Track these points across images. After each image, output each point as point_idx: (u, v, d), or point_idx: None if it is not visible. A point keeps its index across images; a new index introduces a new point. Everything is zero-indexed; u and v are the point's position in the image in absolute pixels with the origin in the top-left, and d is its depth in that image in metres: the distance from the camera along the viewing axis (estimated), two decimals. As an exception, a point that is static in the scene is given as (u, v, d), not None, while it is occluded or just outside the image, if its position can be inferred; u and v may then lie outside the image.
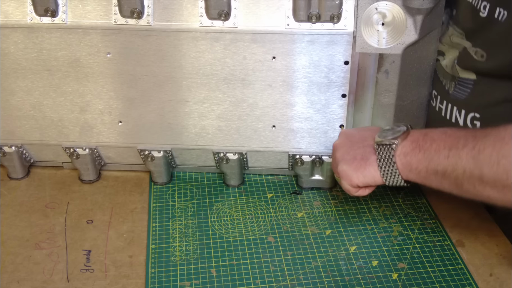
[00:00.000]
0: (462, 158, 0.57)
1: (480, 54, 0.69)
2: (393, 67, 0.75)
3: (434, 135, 0.61)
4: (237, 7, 0.73)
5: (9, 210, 0.81)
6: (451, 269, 0.71)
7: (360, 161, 0.66)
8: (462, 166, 0.57)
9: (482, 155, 0.55)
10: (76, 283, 0.69)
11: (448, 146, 0.59)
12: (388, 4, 0.71)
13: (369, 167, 0.66)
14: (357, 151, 0.67)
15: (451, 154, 0.58)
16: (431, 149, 0.60)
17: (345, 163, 0.67)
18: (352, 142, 0.69)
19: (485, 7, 0.67)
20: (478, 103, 0.72)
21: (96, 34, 0.75)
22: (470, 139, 0.57)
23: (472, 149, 0.56)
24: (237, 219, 0.80)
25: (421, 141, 0.62)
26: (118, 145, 0.84)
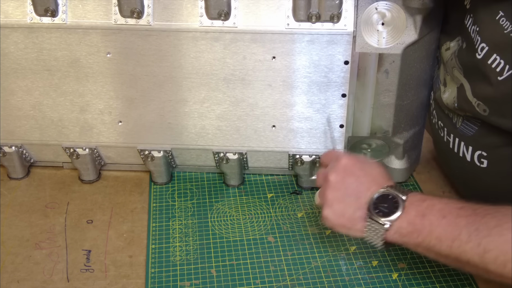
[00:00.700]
0: (467, 252, 0.56)
1: (482, 109, 0.66)
2: (393, 67, 0.75)
3: (432, 218, 0.59)
4: (237, 7, 0.73)
5: (9, 210, 0.81)
6: (451, 269, 0.71)
7: (347, 222, 0.64)
8: (467, 258, 0.56)
9: (488, 255, 0.55)
10: (76, 283, 0.69)
11: (451, 238, 0.57)
12: (388, 4, 0.71)
13: (353, 230, 0.64)
14: (348, 209, 0.64)
15: (454, 246, 0.57)
16: (431, 236, 0.59)
17: (331, 212, 0.65)
18: (345, 192, 0.65)
19: (482, 49, 0.64)
20: (485, 142, 0.70)
21: (96, 34, 0.75)
22: (473, 234, 0.56)
23: (477, 246, 0.55)
24: (237, 219, 0.80)
25: (419, 225, 0.59)
26: (118, 145, 0.84)
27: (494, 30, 0.62)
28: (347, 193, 0.65)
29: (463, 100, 0.69)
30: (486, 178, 0.71)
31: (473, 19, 0.66)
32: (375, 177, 0.65)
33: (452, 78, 0.72)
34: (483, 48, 0.64)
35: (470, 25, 0.67)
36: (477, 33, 0.65)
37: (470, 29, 0.67)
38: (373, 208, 0.62)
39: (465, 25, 0.68)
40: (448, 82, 0.74)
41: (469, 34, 0.67)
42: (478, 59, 0.65)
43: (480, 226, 0.56)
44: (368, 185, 0.64)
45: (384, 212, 0.61)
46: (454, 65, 0.71)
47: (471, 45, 0.66)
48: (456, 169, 0.76)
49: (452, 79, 0.72)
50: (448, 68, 0.73)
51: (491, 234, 0.55)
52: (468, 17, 0.68)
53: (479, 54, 0.64)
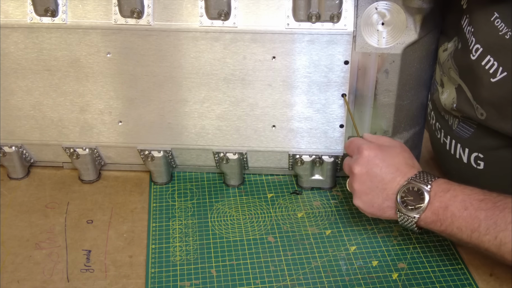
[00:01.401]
0: (484, 243, 0.60)
1: (480, 112, 0.67)
2: (393, 66, 0.75)
3: (454, 209, 0.62)
4: (237, 7, 0.73)
5: (9, 210, 0.81)
6: (451, 269, 0.71)
7: (377, 211, 0.68)
8: (485, 248, 0.61)
9: (504, 247, 0.59)
10: (76, 283, 0.69)
11: (470, 229, 0.61)
12: (388, 4, 0.71)
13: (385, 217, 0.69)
14: (376, 200, 0.68)
15: (474, 236, 0.61)
16: (452, 226, 0.62)
17: (361, 202, 0.69)
18: (371, 184, 0.67)
19: (477, 50, 0.65)
20: (481, 144, 0.71)
21: (96, 34, 0.75)
22: (492, 227, 0.59)
23: (494, 239, 0.59)
24: (237, 219, 0.80)
25: (441, 215, 0.63)
26: (118, 145, 0.84)
27: (489, 31, 0.62)
28: (372, 185, 0.67)
29: (464, 102, 0.69)
30: (483, 179, 0.71)
31: (469, 20, 0.66)
32: (399, 167, 0.67)
33: (449, 79, 0.72)
34: (478, 49, 0.64)
35: (466, 26, 0.67)
36: (472, 33, 0.65)
37: (465, 29, 0.67)
38: (401, 203, 0.65)
39: (461, 26, 0.68)
40: (445, 83, 0.74)
41: (464, 34, 0.67)
42: (472, 60, 0.65)
43: (498, 220, 0.59)
44: (392, 176, 0.67)
45: (411, 206, 0.65)
46: (450, 66, 0.71)
47: (466, 46, 0.66)
48: (453, 170, 0.76)
49: (449, 80, 0.72)
50: (444, 69, 0.73)
51: (507, 228, 0.58)
52: (465, 18, 0.68)
53: (473, 55, 0.65)
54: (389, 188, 0.67)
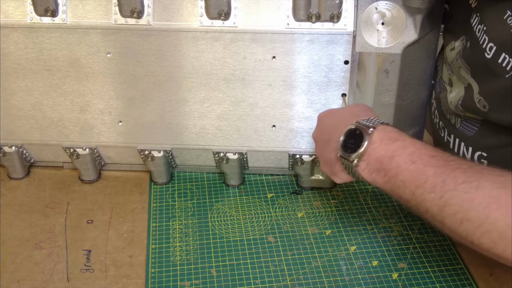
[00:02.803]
0: (427, 201, 0.55)
1: (482, 104, 0.66)
2: (393, 66, 0.75)
3: (401, 160, 0.58)
4: (237, 6, 0.73)
5: (9, 210, 0.81)
6: (451, 269, 0.71)
7: (330, 167, 0.67)
8: (426, 207, 0.56)
9: (447, 209, 0.53)
10: (76, 283, 0.69)
11: (415, 184, 0.56)
12: (388, 3, 0.71)
13: (338, 173, 0.66)
14: (326, 155, 0.67)
15: (417, 193, 0.56)
16: (396, 178, 0.58)
17: (321, 164, 0.70)
18: (322, 141, 0.68)
19: (491, 48, 0.63)
20: (485, 143, 0.70)
21: (96, 34, 0.75)
22: (439, 185, 0.54)
23: (438, 199, 0.54)
24: (237, 219, 0.80)
25: (386, 164, 0.59)
26: (118, 145, 0.84)
27: (502, 29, 0.61)
28: (323, 142, 0.67)
29: (468, 98, 0.69)
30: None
31: (480, 18, 0.66)
32: (344, 117, 0.65)
33: (458, 78, 0.72)
34: (492, 47, 0.63)
35: (476, 24, 0.66)
36: (484, 32, 0.64)
37: (476, 28, 0.66)
38: (342, 147, 0.62)
39: (471, 24, 0.68)
40: (455, 82, 0.73)
41: (474, 33, 0.66)
42: (488, 59, 0.63)
43: (448, 179, 0.54)
44: (337, 127, 0.65)
45: (352, 149, 0.61)
46: (460, 65, 0.70)
47: (477, 44, 0.65)
48: None
49: (459, 79, 0.72)
50: (454, 68, 0.73)
51: (457, 189, 0.53)
52: (474, 16, 0.67)
53: (488, 54, 0.63)
54: (334, 138, 0.64)
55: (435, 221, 0.56)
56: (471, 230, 0.52)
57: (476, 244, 0.53)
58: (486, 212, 0.51)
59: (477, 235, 0.52)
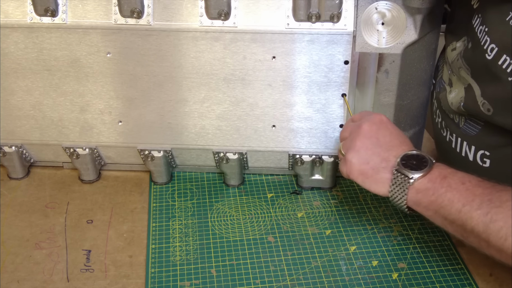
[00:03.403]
0: (473, 219, 0.57)
1: (486, 108, 0.66)
2: (393, 66, 0.75)
3: (452, 182, 0.60)
4: (237, 6, 0.73)
5: (9, 210, 0.81)
6: (451, 269, 0.71)
7: (369, 170, 0.66)
8: (472, 225, 0.58)
9: (493, 225, 0.56)
10: (76, 283, 0.69)
11: (463, 202, 0.59)
12: (388, 3, 0.71)
13: (373, 181, 0.66)
14: (374, 158, 0.65)
15: (464, 211, 0.58)
16: (444, 197, 0.60)
17: (356, 157, 0.66)
18: (377, 142, 0.66)
19: (492, 49, 0.63)
20: (488, 142, 0.70)
21: (96, 34, 0.75)
22: (486, 203, 0.57)
23: (485, 215, 0.56)
24: (237, 219, 0.80)
25: (438, 184, 0.61)
26: (118, 145, 0.84)
27: (504, 31, 0.62)
28: (378, 143, 0.66)
29: (471, 101, 0.69)
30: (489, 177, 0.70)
31: (481, 19, 0.66)
32: (407, 140, 0.68)
33: (458, 78, 0.72)
34: (493, 49, 0.63)
35: (478, 25, 0.66)
36: (485, 33, 0.64)
37: (477, 29, 0.66)
38: (402, 163, 0.63)
39: (472, 25, 0.68)
40: (455, 83, 0.73)
41: (475, 34, 0.66)
42: (488, 60, 0.64)
43: (494, 197, 0.57)
44: (400, 142, 0.66)
45: (412, 167, 0.63)
46: (460, 66, 0.71)
47: (478, 46, 0.66)
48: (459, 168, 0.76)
49: (459, 79, 0.72)
50: (454, 69, 0.73)
51: (502, 206, 0.56)
52: (476, 17, 0.67)
53: (488, 55, 0.64)
54: (393, 151, 0.65)
55: (481, 240, 0.57)
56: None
57: None
58: None
59: None
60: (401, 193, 0.63)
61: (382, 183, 0.65)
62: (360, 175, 0.66)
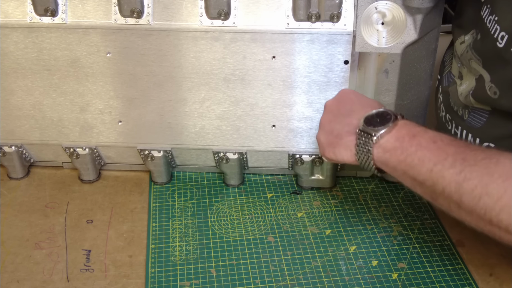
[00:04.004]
0: (445, 178, 0.54)
1: (493, 91, 0.65)
2: (393, 66, 0.75)
3: (422, 140, 0.57)
4: (237, 6, 0.73)
5: (9, 210, 0.81)
6: (451, 269, 0.71)
7: (334, 139, 0.65)
8: (443, 185, 0.54)
9: (466, 184, 0.52)
10: (76, 283, 0.69)
11: (434, 161, 0.55)
12: (387, 3, 0.71)
13: (339, 147, 0.64)
14: (336, 126, 0.65)
15: (435, 170, 0.55)
16: (414, 156, 0.57)
17: (322, 133, 0.67)
18: (338, 112, 0.66)
19: (502, 37, 0.63)
20: (493, 133, 0.69)
21: (96, 33, 0.75)
22: (459, 161, 0.54)
23: (457, 174, 0.53)
24: (237, 219, 0.80)
25: (407, 143, 0.58)
26: (118, 145, 0.84)
27: None
28: (339, 112, 0.66)
29: (480, 88, 0.68)
30: None
31: (491, 9, 0.66)
32: (372, 103, 0.66)
33: (469, 70, 0.71)
34: (503, 36, 0.63)
35: (487, 15, 0.66)
36: (495, 22, 0.64)
37: (486, 19, 0.66)
38: (365, 122, 0.61)
39: (481, 17, 0.68)
40: (465, 75, 0.73)
41: (485, 24, 0.66)
42: (500, 48, 0.63)
43: (468, 156, 0.54)
44: (362, 106, 0.65)
45: (375, 125, 0.60)
46: (471, 57, 0.70)
47: (489, 35, 0.65)
48: None
49: (470, 71, 0.71)
50: (464, 61, 0.72)
51: (477, 164, 0.53)
52: (485, 8, 0.67)
53: (499, 43, 0.63)
54: (355, 114, 0.63)
55: (452, 202, 0.54)
56: (490, 205, 0.51)
57: (495, 222, 0.51)
58: (505, 185, 0.50)
59: (496, 211, 0.50)
60: (367, 153, 0.61)
61: (348, 147, 0.63)
62: (328, 147, 0.66)
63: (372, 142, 0.60)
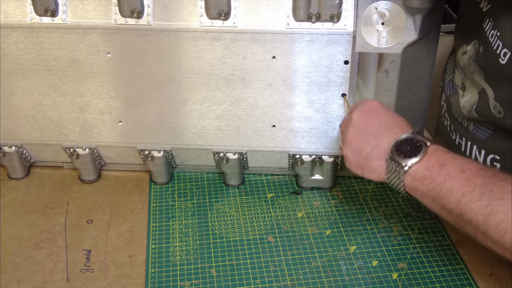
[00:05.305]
0: (473, 210, 0.55)
1: (498, 110, 0.65)
2: (393, 66, 0.75)
3: (451, 169, 0.58)
4: (237, 6, 0.73)
5: (9, 210, 0.81)
6: (451, 269, 0.71)
7: (363, 160, 0.65)
8: (470, 216, 0.56)
9: (493, 217, 0.54)
10: (76, 283, 0.69)
11: (462, 192, 0.56)
12: (387, 3, 0.71)
13: (368, 170, 0.65)
14: (365, 147, 0.64)
15: (463, 201, 0.56)
16: (443, 186, 0.58)
17: (349, 150, 0.66)
18: (366, 130, 0.65)
19: (505, 54, 0.62)
20: (498, 146, 0.69)
21: (96, 34, 0.75)
22: (486, 194, 0.55)
23: (485, 207, 0.54)
24: (237, 219, 0.80)
25: (435, 172, 0.59)
26: (118, 145, 0.84)
27: None
28: (367, 131, 0.65)
29: (483, 104, 0.68)
30: None
31: (493, 23, 0.65)
32: (400, 122, 0.65)
33: (472, 82, 0.71)
34: (506, 53, 0.62)
35: (489, 29, 0.65)
36: (497, 37, 0.63)
37: (489, 33, 0.65)
38: (395, 149, 0.62)
39: (484, 29, 0.67)
40: (468, 87, 0.72)
41: (487, 38, 0.66)
42: (502, 64, 0.63)
43: (495, 188, 0.55)
44: (390, 126, 0.64)
45: (405, 154, 0.61)
46: (473, 70, 0.69)
47: (491, 50, 0.65)
48: None
49: (472, 83, 0.71)
50: (467, 73, 0.72)
51: (503, 198, 0.54)
52: (487, 21, 0.66)
53: (502, 60, 0.63)
54: (384, 136, 0.63)
55: (478, 232, 0.56)
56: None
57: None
58: None
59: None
60: (398, 180, 0.62)
61: (377, 170, 0.64)
62: (356, 167, 0.66)
63: (402, 171, 0.61)
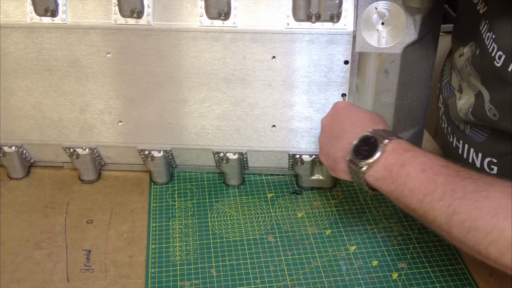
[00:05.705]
0: (435, 210, 0.55)
1: (493, 113, 0.65)
2: (393, 66, 0.75)
3: (411, 169, 0.57)
4: (237, 6, 0.73)
5: (9, 210, 0.81)
6: (451, 269, 0.71)
7: (331, 163, 0.67)
8: (434, 216, 0.55)
9: (456, 217, 0.53)
10: (76, 283, 0.69)
11: (423, 192, 0.56)
12: (387, 3, 0.71)
13: (338, 172, 0.66)
14: (331, 149, 0.66)
15: (425, 201, 0.56)
16: (404, 186, 0.58)
17: (321, 155, 0.69)
18: (331, 133, 0.66)
19: (500, 57, 0.62)
20: (495, 149, 0.69)
21: (96, 34, 0.75)
22: (448, 193, 0.54)
23: (447, 207, 0.54)
24: (237, 219, 0.80)
25: (395, 173, 0.58)
26: (118, 145, 0.84)
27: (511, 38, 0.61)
28: (332, 134, 0.66)
29: (479, 107, 0.68)
30: None
31: (489, 26, 0.65)
32: (363, 120, 0.65)
33: (468, 85, 0.71)
34: (501, 56, 0.62)
35: (485, 32, 0.65)
36: (493, 40, 0.63)
37: (485, 35, 0.65)
38: (354, 151, 0.62)
39: (480, 31, 0.67)
40: (465, 89, 0.72)
41: (483, 40, 0.65)
42: (497, 67, 0.63)
43: (457, 187, 0.54)
44: (352, 126, 0.64)
45: (363, 155, 0.61)
46: (470, 73, 0.69)
47: (486, 52, 0.65)
48: None
49: (469, 86, 0.71)
50: (463, 75, 0.72)
51: (466, 197, 0.53)
52: (484, 23, 0.66)
53: (497, 62, 0.63)
54: (346, 137, 0.64)
55: (442, 231, 0.55)
56: (479, 239, 0.51)
57: (484, 254, 0.52)
58: (494, 221, 0.50)
59: (485, 245, 0.51)
60: (360, 180, 0.62)
61: (344, 172, 0.65)
62: (330, 170, 0.68)
63: (362, 173, 0.61)
